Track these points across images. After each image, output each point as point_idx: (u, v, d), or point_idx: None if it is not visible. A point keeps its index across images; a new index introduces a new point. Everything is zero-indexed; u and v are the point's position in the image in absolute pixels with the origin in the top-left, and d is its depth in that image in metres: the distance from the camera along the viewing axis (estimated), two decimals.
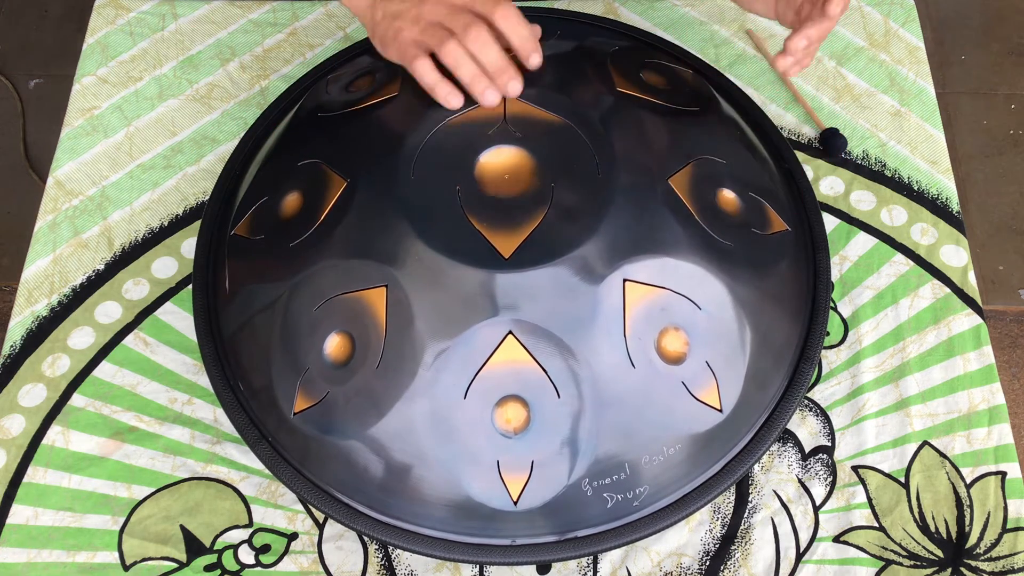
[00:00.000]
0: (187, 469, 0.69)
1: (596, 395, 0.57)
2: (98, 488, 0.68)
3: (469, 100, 0.61)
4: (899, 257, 0.77)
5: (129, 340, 0.74)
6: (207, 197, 0.75)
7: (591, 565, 0.66)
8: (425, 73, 0.60)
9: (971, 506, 0.67)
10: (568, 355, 0.57)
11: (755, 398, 0.63)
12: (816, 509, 0.67)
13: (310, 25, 0.90)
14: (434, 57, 0.60)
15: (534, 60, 0.61)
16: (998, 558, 0.65)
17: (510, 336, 0.57)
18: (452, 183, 0.59)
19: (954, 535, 0.66)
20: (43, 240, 0.78)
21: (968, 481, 0.68)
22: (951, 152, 0.88)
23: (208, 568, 0.65)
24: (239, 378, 0.65)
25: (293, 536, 0.67)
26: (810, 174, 0.80)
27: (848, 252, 0.77)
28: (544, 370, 0.57)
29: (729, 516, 0.67)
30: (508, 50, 0.60)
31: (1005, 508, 0.67)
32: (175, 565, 0.66)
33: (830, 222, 0.78)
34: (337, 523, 0.64)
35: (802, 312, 0.67)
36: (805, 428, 0.70)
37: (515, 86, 0.60)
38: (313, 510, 0.67)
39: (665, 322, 0.59)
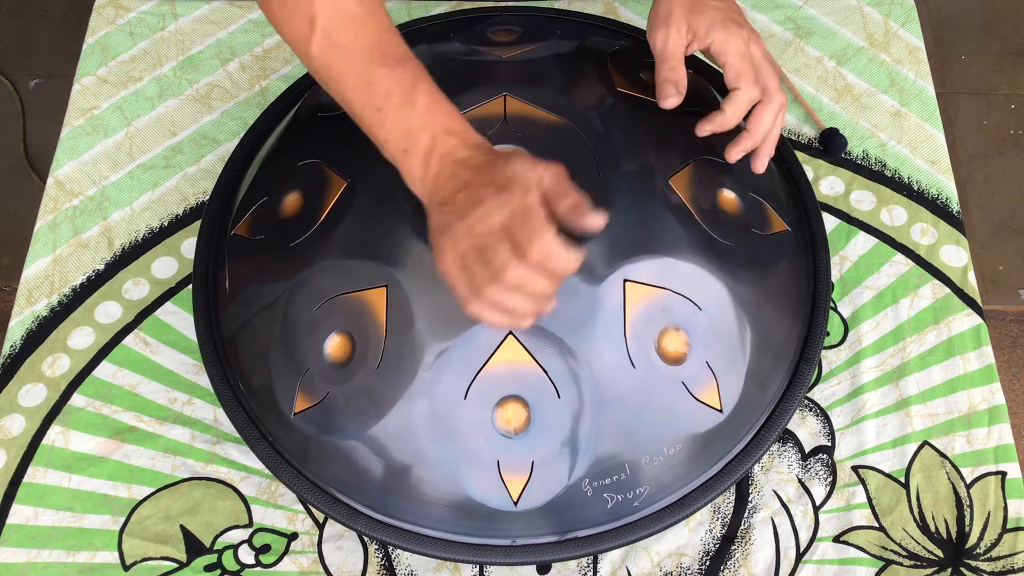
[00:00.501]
0: (187, 469, 0.69)
1: (596, 395, 0.57)
2: (98, 488, 0.68)
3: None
4: (899, 257, 0.77)
5: (129, 340, 0.74)
6: (207, 197, 0.75)
7: (591, 565, 0.66)
8: (483, 316, 0.51)
9: (971, 506, 0.67)
10: (568, 355, 0.57)
11: (755, 398, 0.63)
12: (816, 509, 0.67)
13: None
14: None
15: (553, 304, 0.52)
16: (998, 558, 0.65)
17: (510, 336, 0.57)
18: None
19: (954, 535, 0.66)
20: (43, 240, 0.78)
21: (968, 481, 0.68)
22: (951, 152, 0.88)
23: (208, 568, 0.65)
24: (239, 378, 0.65)
25: (293, 536, 0.67)
26: (810, 174, 0.80)
27: (848, 252, 0.77)
28: (544, 370, 0.57)
29: (729, 516, 0.67)
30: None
31: (1005, 508, 0.67)
32: (175, 565, 0.66)
33: (830, 222, 0.78)
34: (337, 523, 0.64)
35: (802, 312, 0.67)
36: (805, 428, 0.70)
37: (549, 308, 0.51)
38: (313, 510, 0.67)
39: (665, 322, 0.59)
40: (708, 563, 0.66)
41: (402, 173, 0.53)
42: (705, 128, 0.63)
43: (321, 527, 0.67)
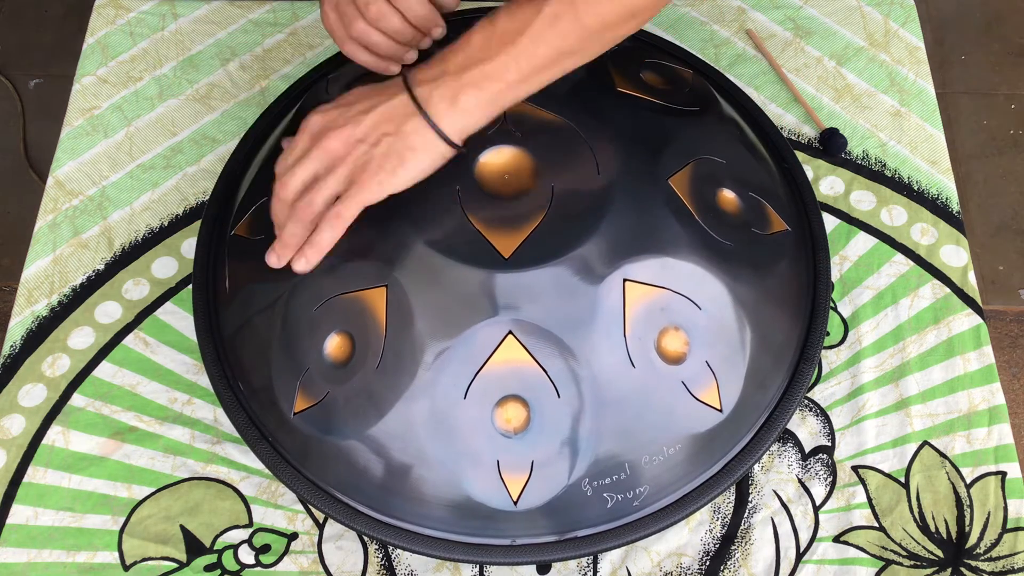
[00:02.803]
0: (187, 469, 0.69)
1: (596, 395, 0.57)
2: (98, 488, 0.68)
3: None
4: (899, 257, 0.77)
5: (129, 340, 0.74)
6: (207, 197, 0.75)
7: (591, 565, 0.66)
8: (358, 54, 0.61)
9: (971, 506, 0.67)
10: (568, 355, 0.57)
11: (755, 398, 0.63)
12: (816, 509, 0.67)
13: (310, 25, 0.89)
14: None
15: (436, 32, 0.62)
16: (998, 558, 0.65)
17: (510, 336, 0.57)
18: (452, 183, 0.59)
19: (954, 535, 0.66)
20: (43, 240, 0.78)
21: (968, 481, 0.68)
22: (951, 152, 0.88)
23: (208, 568, 0.65)
24: (239, 378, 0.65)
25: (293, 536, 0.67)
26: (810, 174, 0.80)
27: (848, 252, 0.77)
28: (544, 370, 0.57)
29: (729, 516, 0.67)
30: None
31: (1005, 508, 0.67)
32: (175, 565, 0.66)
33: (830, 222, 0.78)
34: (337, 523, 0.64)
35: (802, 312, 0.67)
36: (805, 428, 0.70)
37: (412, 56, 0.62)
38: (313, 510, 0.67)
39: (665, 322, 0.59)
40: (708, 563, 0.66)
41: None
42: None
43: (321, 527, 0.67)
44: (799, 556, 0.66)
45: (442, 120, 0.54)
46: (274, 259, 0.58)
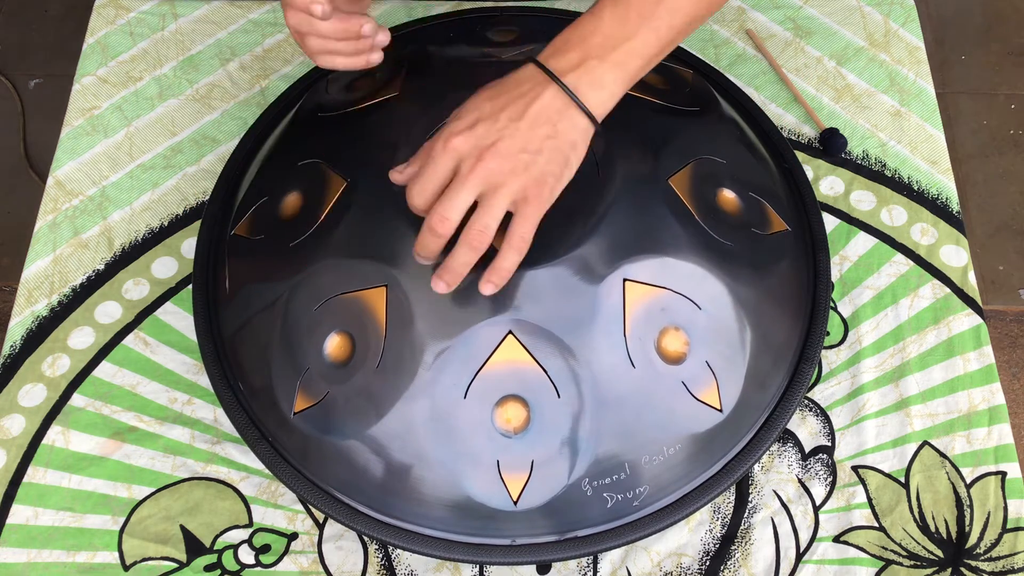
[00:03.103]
0: (187, 469, 0.69)
1: (596, 395, 0.57)
2: (98, 488, 0.68)
3: None
4: (899, 257, 0.77)
5: (129, 340, 0.74)
6: (207, 197, 0.75)
7: (591, 565, 0.66)
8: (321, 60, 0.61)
9: (971, 506, 0.67)
10: (568, 355, 0.57)
11: (755, 398, 0.63)
12: (816, 509, 0.67)
13: None
14: None
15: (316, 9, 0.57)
16: (998, 558, 0.65)
17: (510, 336, 0.57)
18: None
19: (954, 535, 0.66)
20: (43, 240, 0.78)
21: (968, 481, 0.68)
22: (951, 152, 0.88)
23: (208, 568, 0.65)
24: (239, 378, 0.65)
25: (293, 536, 0.67)
26: (810, 174, 0.80)
27: (848, 252, 0.77)
28: (544, 370, 0.57)
29: (729, 516, 0.67)
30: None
31: (1005, 508, 0.67)
32: (175, 565, 0.66)
33: (830, 222, 0.78)
34: (337, 523, 0.64)
35: (802, 312, 0.67)
36: (805, 428, 0.70)
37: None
38: (313, 510, 0.67)
39: (665, 322, 0.59)
40: (708, 563, 0.66)
41: None
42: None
43: (321, 527, 0.67)
44: (799, 556, 0.66)
45: (595, 108, 0.52)
46: (443, 287, 0.53)
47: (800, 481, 0.68)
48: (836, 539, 0.66)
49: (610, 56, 0.52)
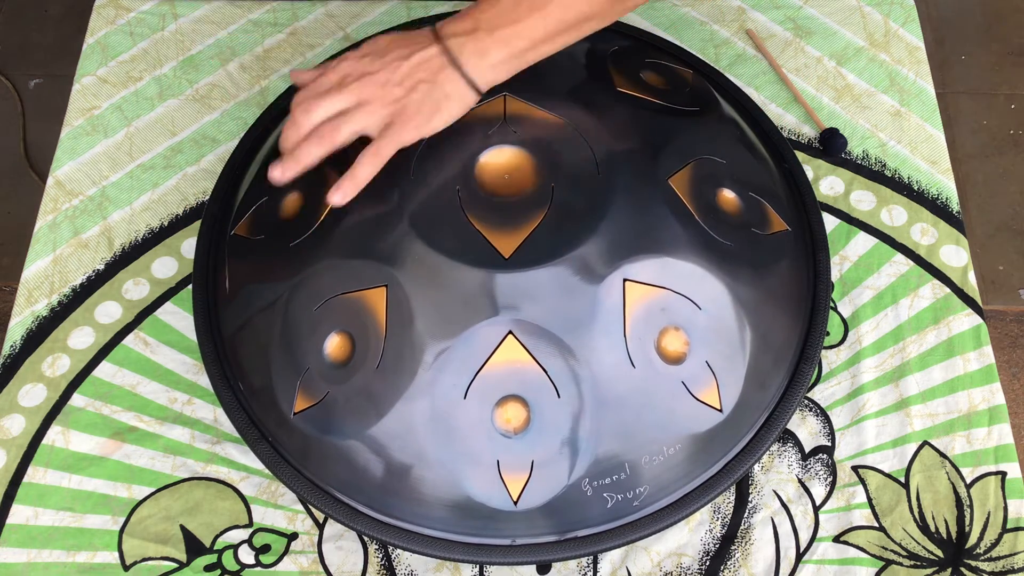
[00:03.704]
0: (187, 469, 0.69)
1: (596, 395, 0.57)
2: (98, 488, 0.68)
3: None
4: (899, 257, 0.77)
5: (129, 340, 0.74)
6: (207, 197, 0.75)
7: (591, 565, 0.66)
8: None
9: (971, 506, 0.67)
10: (568, 355, 0.57)
11: (755, 398, 0.63)
12: (816, 509, 0.67)
13: (310, 25, 0.90)
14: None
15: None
16: (998, 558, 0.65)
17: (510, 336, 0.57)
18: (452, 183, 0.59)
19: (954, 535, 0.66)
20: (43, 240, 0.78)
21: (968, 481, 0.68)
22: (951, 152, 0.88)
23: (208, 568, 0.65)
24: (239, 378, 0.65)
25: (293, 536, 0.67)
26: (810, 174, 0.80)
27: (848, 252, 0.77)
28: (544, 370, 0.57)
29: (729, 516, 0.67)
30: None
31: (1005, 508, 0.67)
32: (175, 565, 0.66)
33: (830, 222, 0.78)
34: (337, 523, 0.64)
35: (802, 312, 0.67)
36: (805, 428, 0.70)
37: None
38: (313, 510, 0.67)
39: (665, 322, 0.59)
40: (708, 563, 0.66)
41: None
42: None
43: (321, 527, 0.67)
44: (799, 556, 0.66)
45: (473, 72, 0.57)
46: (278, 173, 0.58)
47: (800, 481, 0.68)
48: (836, 539, 0.66)
49: (497, 32, 0.57)
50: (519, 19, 0.57)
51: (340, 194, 0.57)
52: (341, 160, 0.59)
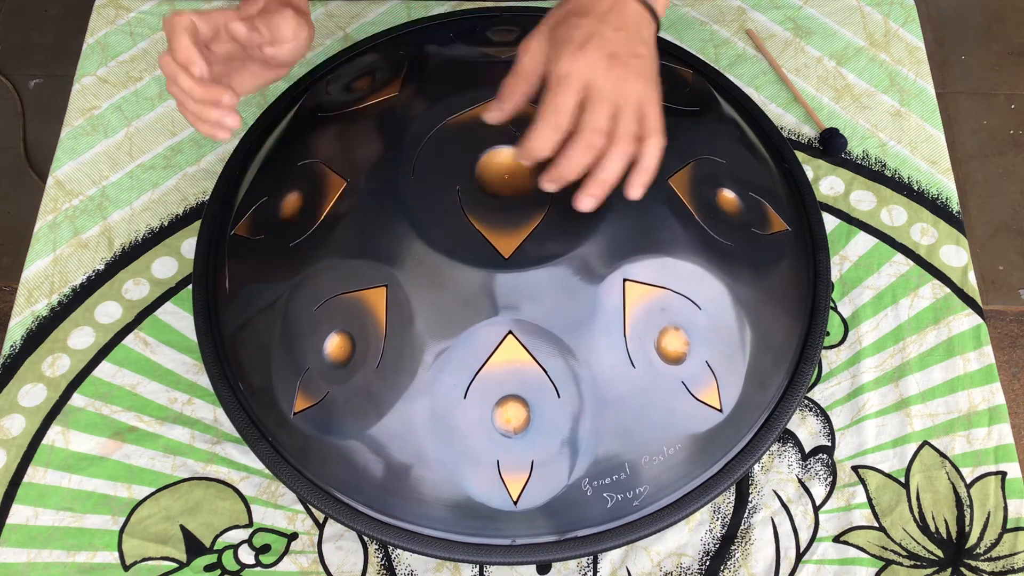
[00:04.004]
0: (187, 469, 0.69)
1: (596, 395, 0.57)
2: (98, 488, 0.68)
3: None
4: (899, 257, 0.77)
5: (129, 340, 0.74)
6: (207, 197, 0.75)
7: (591, 565, 0.66)
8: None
9: (971, 506, 0.67)
10: (568, 355, 0.57)
11: (755, 398, 0.63)
12: (816, 509, 0.67)
13: None
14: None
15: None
16: (998, 558, 0.65)
17: (510, 336, 0.57)
18: (452, 183, 0.59)
19: (954, 535, 0.66)
20: (43, 240, 0.78)
21: (968, 481, 0.68)
22: (951, 152, 0.88)
23: (208, 568, 0.65)
24: (239, 378, 0.65)
25: (293, 536, 0.67)
26: (810, 174, 0.80)
27: (848, 252, 0.77)
28: (544, 370, 0.57)
29: (729, 516, 0.67)
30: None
31: (1005, 508, 0.67)
32: (175, 565, 0.66)
33: (830, 222, 0.78)
34: (337, 523, 0.64)
35: (802, 312, 0.67)
36: (805, 428, 0.70)
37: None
38: (313, 510, 0.67)
39: (665, 322, 0.59)
40: (708, 563, 0.66)
41: None
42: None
43: (321, 527, 0.67)
44: (799, 556, 0.66)
45: (660, 5, 0.57)
46: (591, 202, 0.55)
47: (800, 481, 0.68)
48: (836, 539, 0.66)
49: None
50: None
51: (638, 189, 0.54)
52: (343, 159, 0.58)
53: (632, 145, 0.54)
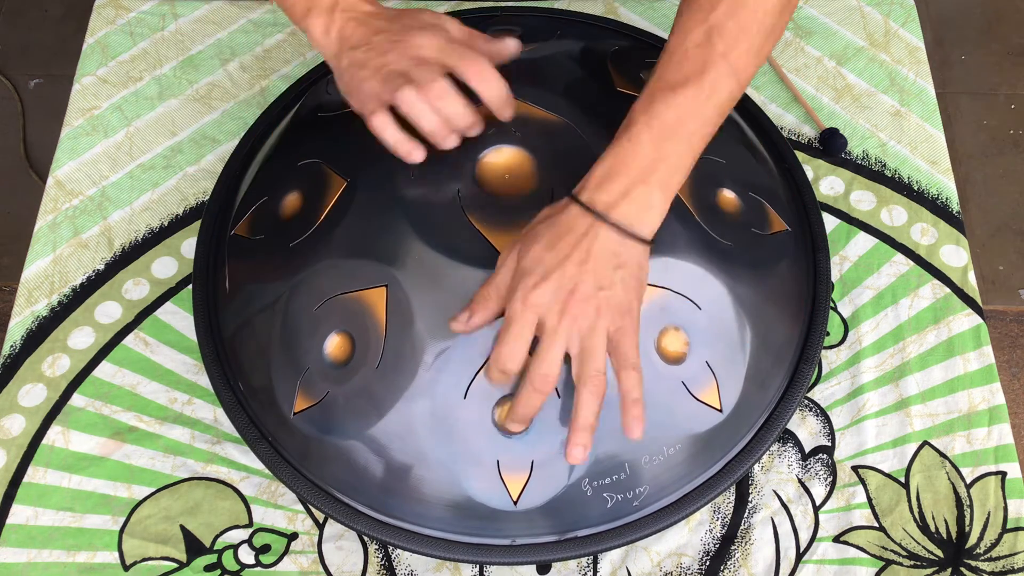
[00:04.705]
0: (187, 469, 0.69)
1: None
2: (98, 488, 0.68)
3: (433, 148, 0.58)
4: (899, 257, 0.77)
5: (129, 340, 0.74)
6: (207, 197, 0.75)
7: (591, 565, 0.66)
8: (383, 129, 0.56)
9: (971, 506, 0.67)
10: (568, 355, 0.57)
11: (755, 398, 0.63)
12: (816, 509, 0.67)
13: None
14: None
15: (505, 114, 0.58)
16: (998, 558, 0.65)
17: None
18: (452, 183, 0.59)
19: (954, 535, 0.66)
20: (43, 240, 0.78)
21: (968, 481, 0.68)
22: (951, 152, 0.88)
23: (208, 568, 0.65)
24: (239, 378, 0.65)
25: (293, 536, 0.67)
26: (810, 174, 0.80)
27: (848, 252, 0.77)
28: None
29: (729, 516, 0.67)
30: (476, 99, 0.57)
31: (1005, 508, 0.67)
32: (175, 565, 0.66)
33: (830, 222, 0.78)
34: (337, 523, 0.64)
35: (802, 312, 0.67)
36: (805, 428, 0.70)
37: (452, 141, 0.58)
38: (313, 510, 0.67)
39: (665, 322, 0.59)
40: (708, 563, 0.66)
41: (308, 35, 0.59)
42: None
43: (321, 527, 0.67)
44: (799, 556, 0.66)
45: (645, 228, 0.53)
46: (580, 455, 0.54)
47: (800, 481, 0.68)
48: (836, 539, 0.66)
49: (652, 178, 0.53)
50: (668, 155, 0.53)
51: (635, 427, 0.53)
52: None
53: (602, 384, 0.53)
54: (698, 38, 0.53)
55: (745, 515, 0.67)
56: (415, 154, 0.57)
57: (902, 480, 0.68)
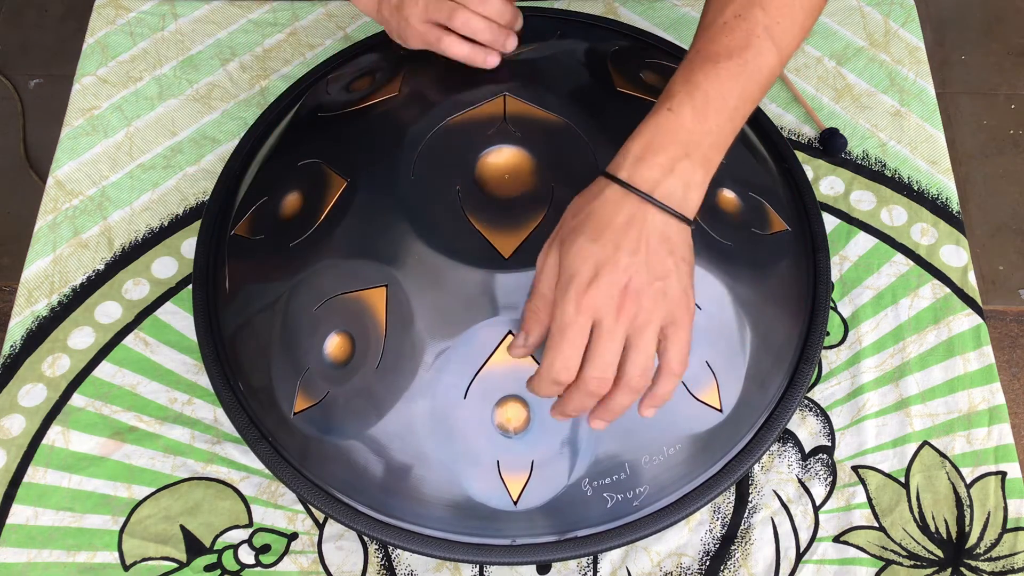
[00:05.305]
0: (187, 469, 0.69)
1: None
2: (98, 488, 0.68)
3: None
4: (899, 257, 0.77)
5: (129, 340, 0.74)
6: (207, 197, 0.75)
7: (591, 565, 0.66)
8: (457, 46, 0.62)
9: (971, 506, 0.67)
10: None
11: (755, 398, 0.63)
12: (816, 509, 0.67)
13: (310, 25, 0.90)
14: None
15: (517, 24, 0.64)
16: (998, 558, 0.65)
17: (510, 336, 0.57)
18: (452, 183, 0.59)
19: (954, 535, 0.66)
20: (43, 240, 0.78)
21: (968, 481, 0.68)
22: (951, 152, 0.88)
23: (208, 568, 0.65)
24: (239, 378, 0.65)
25: (293, 536, 0.67)
26: (810, 174, 0.80)
27: (848, 252, 0.77)
28: None
29: (729, 516, 0.67)
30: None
31: (1005, 508, 0.67)
32: (175, 565, 0.66)
33: (830, 222, 0.78)
34: (337, 523, 0.64)
35: (802, 312, 0.67)
36: (805, 428, 0.70)
37: (512, 42, 0.63)
38: (313, 510, 0.67)
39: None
40: (708, 563, 0.66)
41: (354, 2, 0.65)
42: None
43: (321, 527, 0.67)
44: (799, 556, 0.66)
45: (690, 208, 0.50)
46: (602, 424, 0.51)
47: (800, 481, 0.68)
48: (836, 539, 0.66)
49: (696, 153, 0.50)
50: (712, 129, 0.50)
51: (648, 411, 0.51)
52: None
53: (643, 384, 0.50)
54: (738, 8, 0.51)
55: (745, 515, 0.67)
56: (491, 59, 0.63)
57: (902, 480, 0.68)
